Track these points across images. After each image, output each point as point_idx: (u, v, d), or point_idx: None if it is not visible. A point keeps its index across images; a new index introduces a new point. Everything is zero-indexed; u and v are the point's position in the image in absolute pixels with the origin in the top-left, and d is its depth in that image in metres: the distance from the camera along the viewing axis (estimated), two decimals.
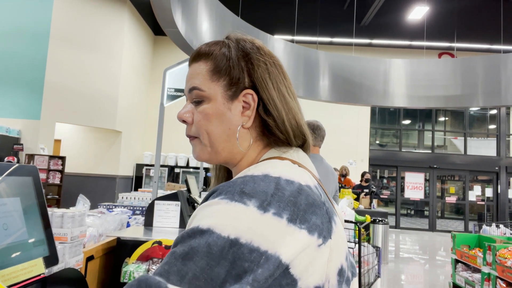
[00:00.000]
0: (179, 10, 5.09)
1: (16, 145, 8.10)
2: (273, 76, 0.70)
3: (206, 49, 0.71)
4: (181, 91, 3.68)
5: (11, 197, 1.04)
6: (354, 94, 8.64)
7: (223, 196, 0.57)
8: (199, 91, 0.69)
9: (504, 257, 3.35)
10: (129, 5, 10.23)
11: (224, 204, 0.55)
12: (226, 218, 0.54)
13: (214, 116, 0.69)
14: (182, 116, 0.72)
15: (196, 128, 0.71)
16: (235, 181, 0.59)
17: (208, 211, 0.56)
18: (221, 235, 0.52)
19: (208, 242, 0.52)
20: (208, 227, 0.53)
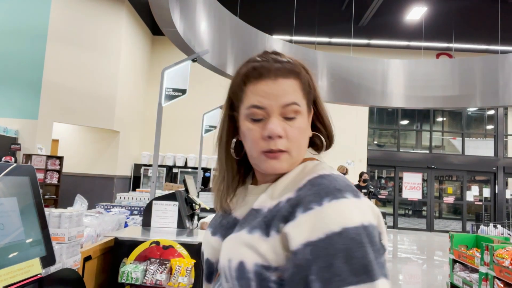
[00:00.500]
0: (177, 10, 5.08)
1: (13, 145, 8.07)
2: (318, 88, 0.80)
3: (296, 68, 0.76)
4: (179, 91, 3.68)
5: (8, 197, 1.03)
6: (352, 95, 8.65)
7: (328, 198, 0.65)
8: (297, 106, 0.73)
9: (501, 257, 3.36)
10: (127, 5, 10.21)
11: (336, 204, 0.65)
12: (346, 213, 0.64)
13: (304, 130, 0.75)
14: (279, 132, 0.72)
15: (290, 142, 0.73)
16: (322, 183, 0.69)
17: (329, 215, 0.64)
18: (354, 226, 0.62)
19: (350, 237, 0.62)
20: (341, 227, 0.62)
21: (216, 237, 0.80)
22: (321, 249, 0.61)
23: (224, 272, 0.71)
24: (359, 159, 12.15)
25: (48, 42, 8.73)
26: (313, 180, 0.69)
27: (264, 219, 0.70)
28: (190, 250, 2.39)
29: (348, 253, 0.60)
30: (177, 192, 3.00)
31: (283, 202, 0.70)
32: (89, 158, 10.22)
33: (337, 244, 0.61)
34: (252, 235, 0.69)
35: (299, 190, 0.69)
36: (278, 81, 0.73)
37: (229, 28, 6.96)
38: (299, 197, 0.68)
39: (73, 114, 9.11)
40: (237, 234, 0.72)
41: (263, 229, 0.69)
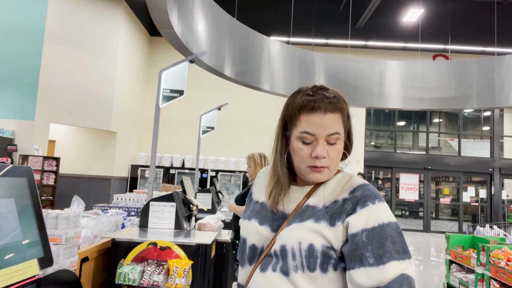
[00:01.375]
0: (175, 11, 5.08)
1: (10, 146, 8.04)
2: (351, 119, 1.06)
3: (341, 106, 0.99)
4: (176, 92, 3.68)
5: (5, 198, 1.03)
6: (349, 96, 8.51)
7: (377, 200, 0.93)
8: (339, 135, 0.98)
9: (497, 258, 3.38)
10: (124, 6, 10.20)
11: (381, 205, 0.93)
12: (388, 212, 0.93)
13: (341, 151, 1.01)
14: (324, 154, 0.97)
15: (331, 161, 0.98)
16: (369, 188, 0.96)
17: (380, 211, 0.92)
18: (394, 222, 0.91)
19: (394, 228, 0.90)
20: (388, 220, 0.91)
21: (265, 227, 1.01)
22: (375, 233, 0.88)
23: (292, 252, 0.93)
24: (356, 160, 12.18)
25: (45, 43, 8.70)
26: (362, 185, 0.97)
27: (327, 213, 0.95)
28: (187, 251, 2.39)
29: (394, 238, 0.88)
30: (175, 193, 3.00)
31: (340, 201, 0.95)
32: (86, 159, 10.19)
33: (387, 231, 0.88)
34: (319, 224, 0.93)
35: (351, 192, 0.95)
36: (327, 115, 0.97)
37: (226, 29, 6.96)
38: (356, 197, 0.94)
39: (69, 115, 9.09)
40: (304, 223, 0.94)
41: (327, 220, 0.93)
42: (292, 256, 0.92)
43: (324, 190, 0.99)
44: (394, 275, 0.84)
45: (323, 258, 0.91)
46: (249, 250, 1.03)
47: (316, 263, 0.91)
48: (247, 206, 1.14)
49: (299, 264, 0.92)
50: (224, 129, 10.70)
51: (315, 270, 0.91)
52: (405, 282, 0.84)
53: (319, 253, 0.91)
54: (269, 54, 7.82)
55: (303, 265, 0.91)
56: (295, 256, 0.92)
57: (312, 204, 0.97)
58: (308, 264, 0.91)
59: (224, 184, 11.26)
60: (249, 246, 1.03)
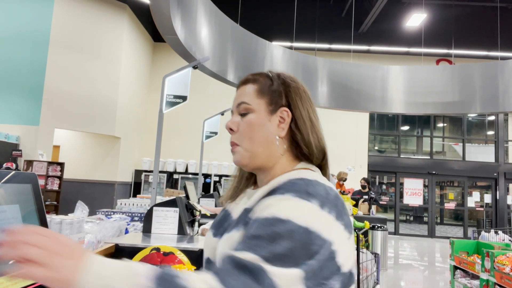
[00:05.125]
0: (179, 17, 5.12)
1: (14, 151, 8.09)
2: (303, 101, 0.89)
3: (253, 77, 0.91)
4: (180, 98, 3.70)
5: (10, 204, 1.04)
6: (353, 101, 8.67)
7: (293, 194, 0.73)
8: (246, 105, 0.88)
9: (502, 264, 3.35)
10: (128, 12, 10.28)
11: (296, 201, 0.72)
12: (299, 211, 0.70)
13: (256, 125, 0.86)
14: (229, 125, 0.89)
15: (241, 135, 0.87)
16: (298, 183, 0.76)
17: (283, 205, 0.72)
18: (299, 225, 0.68)
19: (289, 229, 0.68)
20: (287, 218, 0.69)
21: (217, 238, 0.87)
22: (261, 224, 0.70)
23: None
24: (360, 164, 12.15)
25: (50, 49, 8.78)
26: (293, 179, 0.78)
27: (246, 212, 0.81)
28: (190, 257, 2.39)
29: (278, 237, 0.66)
30: (178, 198, 3.01)
31: (261, 197, 0.80)
32: (90, 164, 10.23)
33: (275, 227, 0.68)
34: (238, 231, 0.78)
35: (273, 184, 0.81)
36: (240, 88, 0.92)
37: (230, 35, 7.00)
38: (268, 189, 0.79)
39: (74, 120, 9.14)
40: (230, 234, 0.80)
41: (245, 223, 0.78)
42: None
43: (266, 187, 0.83)
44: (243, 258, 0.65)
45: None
46: (204, 264, 0.91)
47: None
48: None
49: None
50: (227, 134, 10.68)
51: None
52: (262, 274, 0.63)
53: None
54: (272, 59, 7.85)
55: None
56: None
57: (249, 206, 0.82)
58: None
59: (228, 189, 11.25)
60: (205, 260, 0.91)
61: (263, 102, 0.87)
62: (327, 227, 0.71)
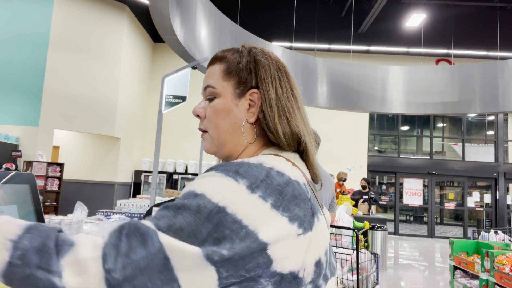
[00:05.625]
0: (178, 18, 5.12)
1: (14, 151, 8.09)
2: (274, 78, 0.77)
3: (221, 54, 0.81)
4: (179, 98, 3.70)
5: (8, 204, 1.04)
6: (352, 101, 8.67)
7: (219, 171, 0.64)
8: (212, 88, 0.79)
9: (502, 264, 3.35)
10: (128, 12, 10.29)
11: (219, 177, 0.63)
12: (218, 188, 0.61)
13: (222, 111, 0.77)
14: (196, 111, 0.81)
15: (208, 122, 0.79)
16: (231, 163, 0.66)
17: (204, 180, 0.64)
18: (211, 201, 0.59)
19: (198, 204, 0.59)
20: (202, 192, 0.61)
21: None
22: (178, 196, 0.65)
23: None
24: (360, 165, 12.15)
25: (50, 49, 8.78)
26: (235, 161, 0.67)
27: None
28: None
29: (183, 210, 0.59)
30: None
31: None
32: (89, 164, 10.23)
33: (186, 199, 0.61)
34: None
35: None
36: (208, 69, 0.82)
37: (229, 35, 7.00)
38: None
39: (74, 120, 9.14)
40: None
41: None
42: None
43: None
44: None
45: None
46: None
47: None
48: None
49: None
50: None
51: None
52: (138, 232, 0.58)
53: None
54: None
55: None
56: None
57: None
58: None
59: None
60: None
61: (229, 85, 0.77)
62: (255, 213, 0.59)
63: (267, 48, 0.83)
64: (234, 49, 0.82)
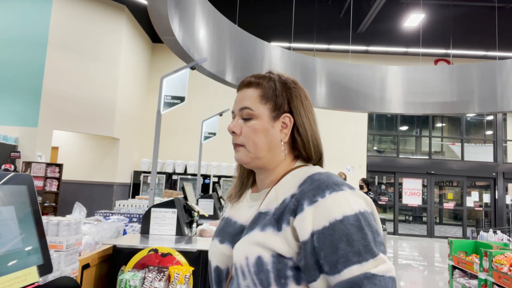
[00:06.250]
0: (176, 18, 5.12)
1: (13, 152, 8.08)
2: (304, 105, 0.93)
3: (256, 80, 0.93)
4: (177, 99, 3.69)
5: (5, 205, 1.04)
6: (351, 101, 8.67)
7: (328, 191, 0.78)
8: (250, 110, 0.90)
9: (500, 263, 3.36)
10: (127, 13, 10.28)
11: (336, 196, 0.77)
12: (345, 203, 0.77)
13: (261, 131, 0.89)
14: (232, 128, 0.91)
15: (244, 138, 0.90)
16: (321, 178, 0.82)
17: (332, 205, 0.76)
18: (353, 214, 0.75)
19: (351, 223, 0.74)
20: (342, 215, 0.75)
21: (225, 245, 0.89)
22: (326, 235, 0.74)
23: (241, 270, 0.80)
24: (359, 165, 12.15)
25: (48, 50, 8.77)
26: (312, 176, 0.83)
27: (273, 217, 0.81)
28: (188, 258, 2.39)
29: (350, 237, 0.73)
30: (176, 199, 3.01)
31: (288, 199, 0.82)
32: (88, 165, 10.22)
33: (340, 230, 0.73)
34: (265, 232, 0.80)
35: (300, 186, 0.83)
36: (241, 91, 0.93)
37: (228, 36, 7.00)
38: (302, 192, 0.80)
39: (72, 121, 9.13)
40: (250, 234, 0.82)
41: (274, 225, 0.80)
42: (242, 275, 0.79)
43: (276, 190, 0.86)
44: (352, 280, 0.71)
45: (276, 271, 0.76)
46: (214, 273, 0.91)
47: (269, 278, 0.77)
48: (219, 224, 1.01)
49: (250, 283, 0.78)
50: (226, 134, 10.67)
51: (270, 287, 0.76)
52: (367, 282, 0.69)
53: (270, 266, 0.77)
54: (270, 60, 7.85)
55: (255, 283, 0.78)
56: (244, 275, 0.79)
57: (264, 210, 0.84)
58: (260, 281, 0.77)
59: (227, 189, 11.24)
60: (214, 269, 0.91)
61: (266, 108, 0.90)
62: (363, 202, 0.80)
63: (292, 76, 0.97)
64: (265, 76, 0.94)
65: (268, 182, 0.91)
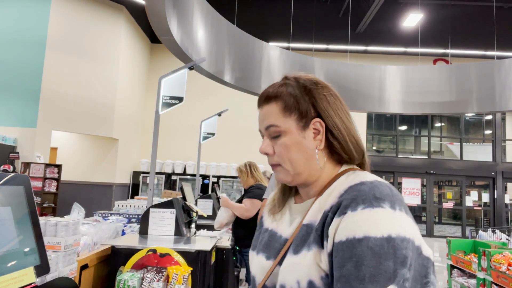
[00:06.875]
0: (175, 18, 5.12)
1: (12, 153, 8.08)
2: (332, 105, 0.84)
3: (274, 92, 0.85)
4: (176, 99, 3.70)
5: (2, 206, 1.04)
6: (350, 101, 8.67)
7: (362, 205, 0.69)
8: (276, 127, 0.83)
9: (498, 263, 3.36)
10: (125, 13, 10.28)
11: (368, 212, 0.68)
12: (374, 222, 0.67)
13: (293, 146, 0.82)
14: (264, 150, 0.85)
15: (279, 157, 0.83)
16: (362, 189, 0.72)
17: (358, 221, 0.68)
18: (377, 237, 0.65)
19: (368, 245, 0.65)
20: (364, 235, 0.66)
21: (272, 261, 0.83)
22: (339, 250, 0.68)
23: None
24: None
25: (47, 51, 8.77)
26: (354, 186, 0.74)
27: (316, 232, 0.75)
28: (187, 258, 2.39)
29: (361, 260, 0.64)
30: (174, 200, 3.01)
31: (327, 210, 0.75)
32: (87, 166, 10.22)
33: (354, 249, 0.66)
34: (311, 252, 0.73)
35: (341, 196, 0.75)
36: (262, 108, 0.86)
37: (226, 36, 7.00)
38: (339, 203, 0.73)
39: (71, 122, 9.13)
40: (298, 255, 0.75)
41: (318, 242, 0.74)
42: None
43: (320, 201, 0.80)
44: None
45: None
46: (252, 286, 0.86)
47: None
48: (257, 233, 0.96)
49: None
50: (225, 135, 10.71)
51: None
52: None
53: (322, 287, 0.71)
54: (269, 60, 7.86)
55: None
56: None
57: (307, 222, 0.79)
58: None
59: (226, 189, 11.26)
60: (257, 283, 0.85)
61: (292, 120, 0.82)
62: (405, 225, 0.68)
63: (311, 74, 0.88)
64: (281, 83, 0.86)
65: (312, 193, 0.85)
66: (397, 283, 0.64)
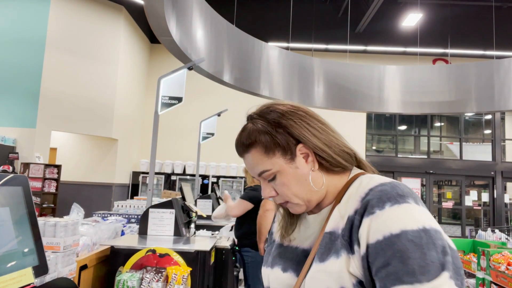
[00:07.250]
0: (174, 19, 5.12)
1: (11, 153, 8.07)
2: (304, 128, 0.83)
3: (249, 140, 0.84)
4: (175, 99, 3.70)
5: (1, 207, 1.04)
6: (349, 101, 8.68)
7: (389, 203, 0.71)
8: (267, 172, 0.83)
9: (497, 262, 3.37)
10: (125, 13, 10.27)
11: (397, 208, 0.70)
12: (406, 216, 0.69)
13: (291, 181, 0.82)
14: (269, 194, 0.86)
15: (283, 196, 0.84)
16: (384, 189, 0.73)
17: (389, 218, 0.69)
18: (414, 229, 0.67)
19: (408, 239, 0.66)
20: (400, 229, 0.67)
21: (289, 273, 0.82)
22: (378, 250, 0.67)
23: None
24: None
25: (46, 51, 8.76)
26: (375, 188, 0.75)
27: (343, 238, 0.75)
28: (186, 258, 2.39)
29: (406, 254, 0.65)
30: (174, 200, 3.01)
31: (352, 215, 0.75)
32: (87, 166, 10.21)
33: (395, 245, 0.66)
34: (340, 259, 0.73)
35: (362, 199, 0.75)
36: (244, 158, 0.86)
37: (225, 36, 7.00)
38: (364, 205, 0.73)
39: (71, 122, 9.13)
40: (326, 263, 0.74)
41: (347, 247, 0.73)
42: None
43: (339, 208, 0.80)
44: None
45: None
46: None
47: None
48: (268, 248, 0.95)
49: None
50: (225, 135, 10.70)
51: None
52: None
53: None
54: (268, 60, 7.85)
55: None
56: None
57: (330, 229, 0.78)
58: None
59: (226, 189, 11.26)
60: None
61: (277, 157, 0.82)
62: (431, 218, 0.70)
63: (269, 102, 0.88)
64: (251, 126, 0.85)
65: (325, 203, 0.85)
66: (448, 269, 0.64)
